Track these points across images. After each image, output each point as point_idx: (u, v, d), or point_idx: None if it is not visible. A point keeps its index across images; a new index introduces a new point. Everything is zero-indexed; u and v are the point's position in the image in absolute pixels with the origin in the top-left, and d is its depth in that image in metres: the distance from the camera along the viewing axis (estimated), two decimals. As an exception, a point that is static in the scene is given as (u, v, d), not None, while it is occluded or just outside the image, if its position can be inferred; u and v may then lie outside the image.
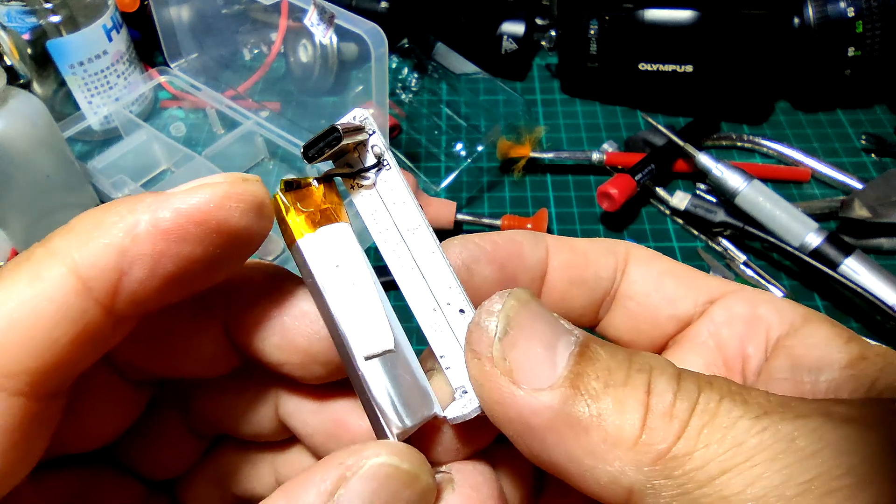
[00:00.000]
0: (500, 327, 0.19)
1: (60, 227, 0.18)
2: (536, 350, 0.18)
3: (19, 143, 0.55)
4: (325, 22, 0.58)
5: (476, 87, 0.80)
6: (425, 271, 0.22)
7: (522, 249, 0.24)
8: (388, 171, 0.22)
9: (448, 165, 0.71)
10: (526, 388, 0.18)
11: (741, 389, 0.18)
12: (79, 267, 0.17)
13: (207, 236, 0.18)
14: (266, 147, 0.74)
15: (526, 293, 0.20)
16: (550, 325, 0.19)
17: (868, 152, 0.73)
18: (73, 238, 0.17)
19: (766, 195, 0.63)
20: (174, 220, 0.18)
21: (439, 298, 0.21)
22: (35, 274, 0.17)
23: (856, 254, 0.58)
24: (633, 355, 0.19)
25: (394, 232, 0.22)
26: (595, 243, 0.25)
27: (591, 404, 0.17)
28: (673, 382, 0.18)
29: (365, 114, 0.21)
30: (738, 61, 0.71)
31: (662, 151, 0.69)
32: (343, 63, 0.72)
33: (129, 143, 0.71)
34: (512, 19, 0.80)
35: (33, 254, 0.17)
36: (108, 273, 0.17)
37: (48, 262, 0.17)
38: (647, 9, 0.71)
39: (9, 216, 0.60)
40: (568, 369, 0.18)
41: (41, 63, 0.69)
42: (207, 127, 0.78)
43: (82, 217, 0.18)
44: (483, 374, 0.19)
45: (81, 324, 0.17)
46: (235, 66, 0.79)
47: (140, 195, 0.18)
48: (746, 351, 0.23)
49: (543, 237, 0.25)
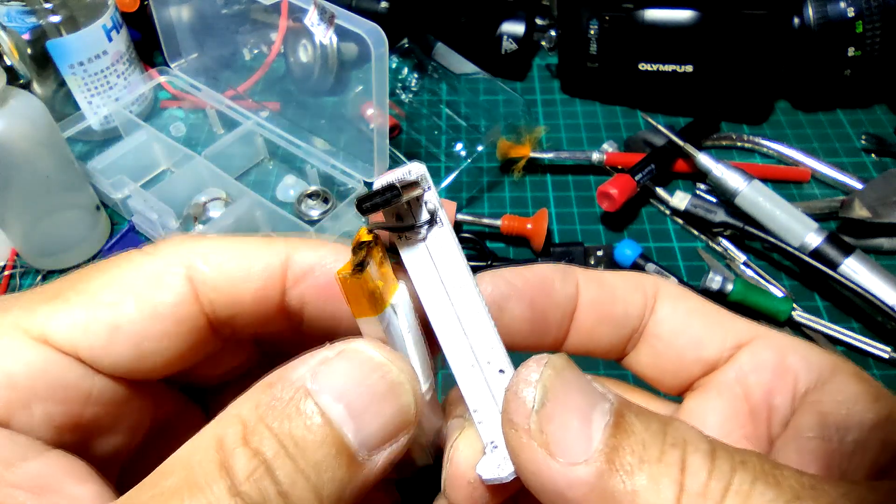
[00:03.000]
0: (538, 399, 0.19)
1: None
2: (573, 423, 0.19)
3: (19, 143, 0.55)
4: (325, 22, 0.58)
5: (476, 87, 0.80)
6: (468, 328, 0.22)
7: (553, 286, 0.24)
8: (441, 228, 0.22)
9: (448, 165, 0.71)
10: (562, 461, 0.18)
11: (774, 470, 0.18)
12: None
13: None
14: (266, 147, 0.74)
15: (562, 359, 0.20)
16: (586, 393, 0.19)
17: (868, 152, 0.73)
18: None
19: (766, 195, 0.63)
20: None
21: (479, 356, 0.22)
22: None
23: (856, 254, 0.58)
24: (667, 426, 0.19)
25: (439, 287, 0.22)
26: (624, 279, 0.25)
27: (627, 480, 0.18)
28: (707, 461, 0.18)
29: (421, 169, 0.21)
30: (738, 61, 0.71)
31: (662, 151, 0.69)
32: (343, 63, 0.72)
33: (129, 144, 0.71)
34: (512, 19, 0.80)
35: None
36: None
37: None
38: (647, 9, 0.71)
39: (9, 216, 0.60)
40: (604, 443, 0.18)
41: (41, 63, 0.69)
42: (207, 127, 0.78)
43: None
44: (520, 444, 0.19)
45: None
46: (235, 66, 0.79)
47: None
48: (773, 401, 0.23)
49: (573, 272, 0.25)
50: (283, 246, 0.24)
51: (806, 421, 0.21)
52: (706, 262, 0.63)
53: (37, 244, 0.63)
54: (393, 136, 0.75)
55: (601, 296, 0.25)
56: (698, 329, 0.25)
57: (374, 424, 0.19)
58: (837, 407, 0.21)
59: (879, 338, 0.57)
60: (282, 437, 0.18)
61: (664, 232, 0.67)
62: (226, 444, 0.18)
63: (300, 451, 0.18)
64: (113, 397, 0.23)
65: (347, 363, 0.20)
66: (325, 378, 0.20)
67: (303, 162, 0.69)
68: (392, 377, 0.20)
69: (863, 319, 0.59)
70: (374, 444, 0.19)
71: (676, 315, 0.25)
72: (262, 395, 0.19)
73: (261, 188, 0.70)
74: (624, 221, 0.68)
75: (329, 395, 0.19)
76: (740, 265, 0.63)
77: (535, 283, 0.24)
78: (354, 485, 0.19)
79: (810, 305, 0.60)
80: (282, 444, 0.18)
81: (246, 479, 0.18)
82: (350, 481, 0.19)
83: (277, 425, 0.19)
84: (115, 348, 0.22)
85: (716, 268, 0.62)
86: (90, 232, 0.65)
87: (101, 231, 0.67)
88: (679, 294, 0.25)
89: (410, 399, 0.20)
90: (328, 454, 0.19)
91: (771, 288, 0.60)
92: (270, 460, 0.18)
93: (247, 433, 0.18)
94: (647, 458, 0.18)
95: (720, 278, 0.58)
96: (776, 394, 0.23)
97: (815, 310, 0.59)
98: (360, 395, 0.19)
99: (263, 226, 0.66)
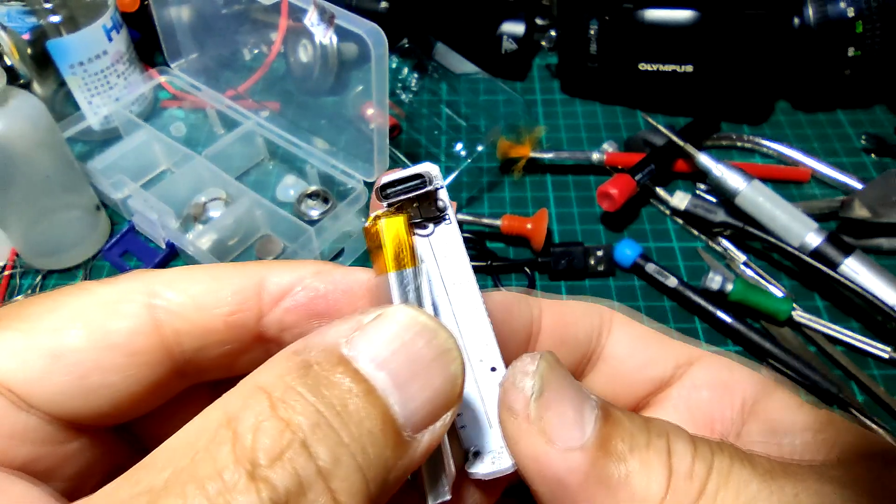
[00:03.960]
0: (537, 388, 0.20)
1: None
2: (568, 412, 0.19)
3: (19, 143, 0.55)
4: (325, 22, 0.58)
5: (476, 87, 0.80)
6: (462, 325, 0.22)
7: (513, 313, 0.25)
8: (448, 225, 0.23)
9: (448, 165, 0.71)
10: (559, 447, 0.19)
11: (746, 455, 0.19)
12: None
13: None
14: (266, 147, 0.74)
15: (553, 356, 0.21)
16: (575, 389, 0.20)
17: (868, 152, 0.73)
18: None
19: (766, 195, 0.63)
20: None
21: (472, 354, 0.22)
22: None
23: (856, 254, 0.58)
24: (648, 421, 0.20)
25: (439, 282, 0.22)
26: (581, 306, 0.26)
27: (620, 465, 0.19)
28: (690, 446, 0.19)
29: (436, 170, 0.22)
30: (738, 61, 0.71)
31: (662, 151, 0.69)
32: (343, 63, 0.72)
33: (129, 144, 0.71)
34: (512, 19, 0.80)
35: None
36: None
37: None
38: (647, 9, 0.71)
39: (9, 216, 0.60)
40: (596, 431, 0.19)
41: (41, 63, 0.69)
42: (207, 127, 0.78)
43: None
44: (520, 431, 0.19)
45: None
46: (235, 66, 0.79)
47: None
48: (720, 415, 0.24)
49: (533, 299, 0.26)
50: (256, 268, 0.22)
51: (752, 429, 0.23)
52: (706, 262, 0.63)
53: (37, 244, 0.63)
54: (393, 136, 0.75)
55: (557, 321, 0.26)
56: (648, 351, 0.26)
57: (421, 396, 0.18)
58: (780, 414, 0.23)
59: (879, 338, 0.57)
60: (321, 407, 0.16)
61: (664, 232, 0.67)
62: (242, 419, 0.16)
63: (343, 423, 0.16)
64: (52, 438, 0.20)
65: (388, 327, 0.18)
66: (363, 344, 0.17)
67: (303, 162, 0.69)
68: (440, 342, 0.18)
69: (863, 319, 0.59)
70: (421, 419, 0.18)
71: (627, 339, 0.26)
72: (287, 362, 0.17)
73: (261, 188, 0.70)
74: (624, 221, 0.68)
75: (370, 361, 0.17)
76: (740, 265, 0.63)
77: (497, 310, 0.24)
78: (398, 469, 0.17)
79: (810, 305, 0.60)
80: (321, 416, 0.16)
81: (274, 460, 0.15)
82: (395, 463, 0.17)
83: (314, 394, 0.16)
84: (54, 379, 0.19)
85: (716, 268, 0.62)
86: (90, 232, 0.65)
87: (101, 231, 0.67)
88: (628, 320, 0.27)
89: (459, 368, 0.19)
90: (374, 426, 0.16)
91: (771, 288, 0.60)
92: (308, 433, 0.15)
93: (274, 403, 0.16)
94: (636, 445, 0.19)
95: (720, 278, 0.58)
96: (724, 408, 0.24)
97: (815, 310, 0.59)
98: (405, 362, 0.18)
99: (263, 226, 0.66)
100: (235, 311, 0.21)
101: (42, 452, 0.19)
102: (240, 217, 0.63)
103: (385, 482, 0.17)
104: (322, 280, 0.22)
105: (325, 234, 0.63)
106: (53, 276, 0.64)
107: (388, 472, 0.17)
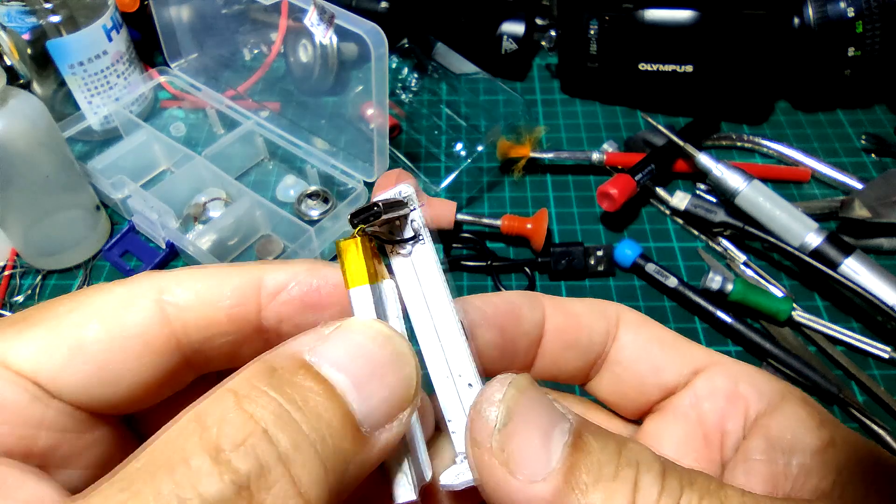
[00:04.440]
0: (500, 418, 0.20)
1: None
2: (534, 442, 0.19)
3: (19, 143, 0.55)
4: (325, 22, 0.58)
5: (476, 87, 0.80)
6: (444, 341, 0.23)
7: (521, 314, 0.25)
8: (423, 245, 0.24)
9: (448, 165, 0.71)
10: (522, 479, 0.19)
11: (719, 489, 0.19)
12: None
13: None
14: (266, 147, 0.74)
15: (525, 379, 0.21)
16: (547, 412, 0.20)
17: (868, 152, 0.73)
18: None
19: (766, 195, 0.63)
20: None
21: (452, 368, 0.23)
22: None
23: (856, 254, 0.58)
24: (622, 447, 0.20)
25: (421, 299, 0.23)
26: (589, 306, 0.26)
27: (582, 498, 0.18)
28: (658, 480, 0.19)
29: (409, 190, 0.23)
30: (738, 61, 0.71)
31: (662, 151, 0.69)
32: (343, 63, 0.72)
33: (129, 143, 0.71)
34: (512, 19, 0.80)
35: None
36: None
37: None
38: (647, 9, 0.71)
39: (9, 216, 0.60)
40: (562, 461, 0.19)
41: (41, 63, 0.69)
42: (207, 127, 0.78)
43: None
44: (482, 461, 0.20)
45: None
46: (235, 66, 0.79)
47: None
48: (726, 426, 0.24)
49: (540, 299, 0.26)
50: (255, 267, 0.24)
51: (755, 444, 0.23)
52: (706, 262, 0.63)
53: (37, 244, 0.63)
54: (393, 136, 0.75)
55: (567, 323, 0.26)
56: (658, 356, 0.26)
57: (378, 395, 0.19)
58: (784, 431, 0.22)
59: (879, 338, 0.57)
60: (283, 402, 0.17)
61: (664, 232, 0.67)
62: (210, 413, 0.17)
63: (304, 416, 0.17)
64: (73, 427, 0.21)
65: (346, 335, 0.20)
66: (324, 350, 0.19)
67: (303, 162, 0.69)
68: (395, 347, 0.20)
69: (863, 319, 0.59)
70: (379, 416, 0.19)
71: (637, 342, 0.26)
72: (255, 368, 0.18)
73: (261, 188, 0.70)
74: (624, 221, 0.68)
75: (330, 365, 0.19)
76: (740, 265, 0.63)
77: (504, 310, 0.25)
78: (356, 463, 0.18)
79: (810, 305, 0.60)
80: (283, 409, 0.17)
81: (237, 446, 0.16)
82: (354, 456, 0.18)
83: (277, 392, 0.17)
84: (75, 369, 0.21)
85: (716, 268, 0.62)
86: (90, 232, 0.65)
87: (101, 231, 0.67)
88: (640, 322, 0.26)
89: (413, 370, 0.20)
90: (333, 420, 0.18)
91: (771, 288, 0.60)
92: (270, 425, 0.17)
93: (240, 399, 0.17)
94: (602, 476, 0.19)
95: (720, 278, 0.58)
96: (728, 419, 0.24)
97: (815, 310, 0.59)
98: (362, 365, 0.19)
99: (263, 226, 0.66)
100: (236, 304, 0.23)
101: (62, 440, 0.21)
102: (240, 217, 0.63)
103: (344, 473, 0.18)
104: (314, 276, 0.24)
105: (325, 234, 0.63)
106: (53, 276, 0.64)
107: (347, 463, 0.18)
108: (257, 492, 0.16)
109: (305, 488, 0.16)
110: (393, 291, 0.23)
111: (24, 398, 0.20)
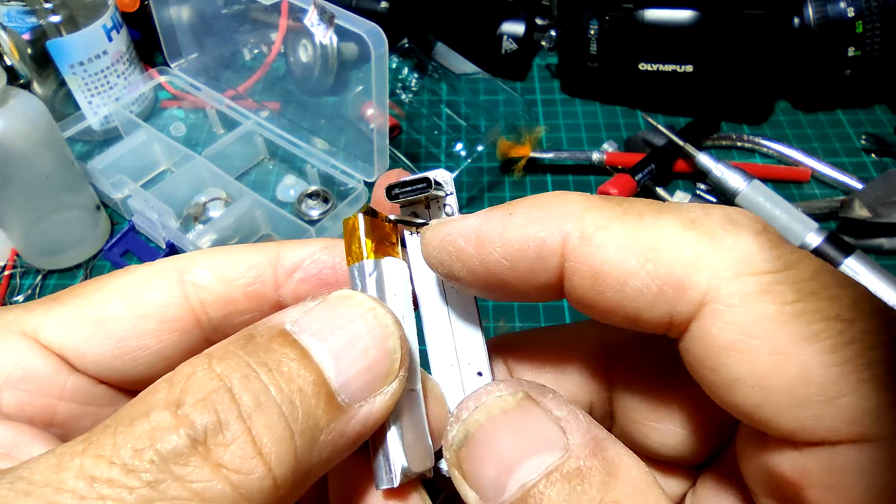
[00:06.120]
0: (456, 441, 0.20)
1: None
2: (488, 471, 0.19)
3: (19, 143, 0.55)
4: (325, 22, 0.58)
5: (476, 87, 0.80)
6: (455, 328, 0.23)
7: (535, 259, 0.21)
8: None
9: (448, 165, 0.71)
10: (475, 498, 0.19)
11: None
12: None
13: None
14: (266, 147, 0.74)
15: (507, 400, 0.19)
16: (517, 445, 0.18)
17: (868, 152, 0.73)
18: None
19: (766, 195, 0.63)
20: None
21: (461, 357, 0.23)
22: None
23: (856, 254, 0.58)
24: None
25: (436, 285, 0.23)
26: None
27: None
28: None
29: (447, 176, 0.23)
30: (738, 61, 0.71)
31: (662, 151, 0.69)
32: (343, 63, 0.72)
33: (129, 143, 0.71)
34: (512, 19, 0.80)
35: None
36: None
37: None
38: (647, 9, 0.71)
39: (9, 216, 0.60)
40: (514, 499, 0.18)
41: (41, 63, 0.69)
42: (207, 127, 0.78)
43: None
44: (449, 464, 0.20)
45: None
46: (235, 66, 0.79)
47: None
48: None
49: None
50: (272, 246, 0.24)
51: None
52: (706, 262, 0.63)
53: (37, 244, 0.63)
54: (393, 136, 0.75)
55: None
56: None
57: (357, 365, 0.19)
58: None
59: (879, 338, 0.57)
60: (253, 364, 0.17)
61: (664, 232, 0.67)
62: (179, 372, 0.17)
63: (273, 378, 0.17)
64: (94, 400, 0.22)
65: (329, 307, 0.19)
66: (305, 321, 0.19)
67: (303, 162, 0.69)
68: (378, 320, 0.19)
69: (863, 319, 0.59)
70: (358, 387, 0.19)
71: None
72: (236, 335, 0.19)
73: (261, 188, 0.70)
74: (624, 221, 0.68)
75: (310, 335, 0.19)
76: (740, 265, 0.63)
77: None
78: (331, 432, 0.18)
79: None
80: (252, 369, 0.17)
81: (198, 402, 0.16)
82: (327, 423, 0.18)
83: (250, 356, 0.17)
84: (98, 344, 0.22)
85: (716, 268, 0.62)
86: (90, 232, 0.65)
87: (101, 231, 0.67)
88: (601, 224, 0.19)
89: (397, 344, 0.19)
90: (305, 385, 0.17)
91: (771, 288, 0.60)
92: (236, 383, 0.17)
93: (211, 361, 0.17)
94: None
95: (720, 278, 0.58)
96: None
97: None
98: (342, 336, 0.19)
99: (263, 226, 0.66)
100: (253, 282, 0.23)
101: (83, 413, 0.22)
102: (240, 217, 0.63)
103: (314, 441, 0.17)
104: (330, 254, 0.24)
105: (325, 233, 0.63)
106: (53, 275, 0.64)
107: (319, 430, 0.17)
108: (214, 447, 0.16)
109: (267, 449, 0.16)
110: (401, 271, 0.23)
111: (49, 370, 0.21)
